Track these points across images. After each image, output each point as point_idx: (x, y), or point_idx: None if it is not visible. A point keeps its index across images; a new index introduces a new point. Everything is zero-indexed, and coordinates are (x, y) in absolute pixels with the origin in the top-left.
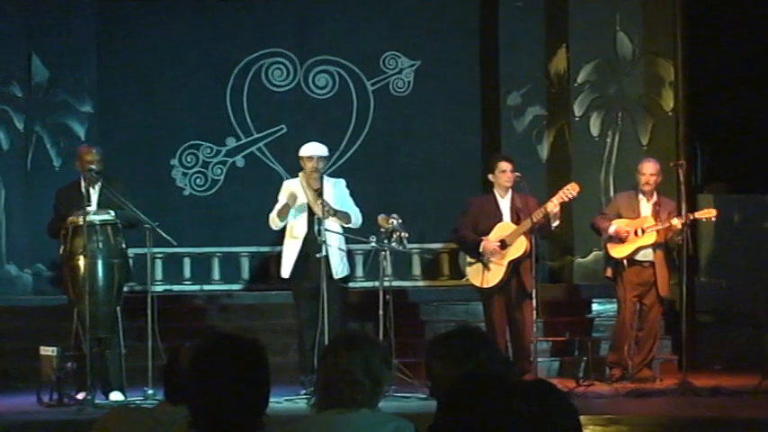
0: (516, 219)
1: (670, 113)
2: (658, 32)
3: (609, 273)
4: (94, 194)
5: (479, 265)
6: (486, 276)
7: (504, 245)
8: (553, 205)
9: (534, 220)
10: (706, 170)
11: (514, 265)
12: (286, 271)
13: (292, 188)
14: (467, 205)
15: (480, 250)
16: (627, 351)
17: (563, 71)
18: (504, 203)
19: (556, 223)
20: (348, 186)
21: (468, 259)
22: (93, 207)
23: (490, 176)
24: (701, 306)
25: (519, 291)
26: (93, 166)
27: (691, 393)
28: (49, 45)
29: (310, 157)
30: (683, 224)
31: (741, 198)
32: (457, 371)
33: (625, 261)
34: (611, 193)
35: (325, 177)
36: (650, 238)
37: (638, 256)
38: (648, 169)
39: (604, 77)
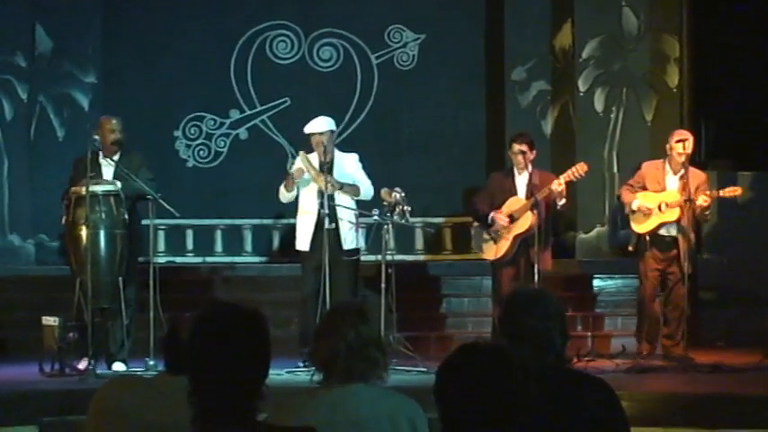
0: (530, 195)
1: (675, 90)
2: (663, 8)
3: (631, 247)
4: (110, 166)
5: (489, 239)
6: (494, 249)
7: (512, 219)
8: (558, 184)
9: (539, 197)
10: (710, 147)
11: (522, 241)
12: (303, 243)
13: (299, 164)
14: (488, 179)
15: (489, 222)
16: (653, 326)
17: (568, 46)
18: (521, 180)
19: (561, 202)
20: (361, 160)
21: (484, 235)
22: (109, 177)
23: (509, 154)
24: (704, 283)
25: (528, 268)
26: (97, 137)
27: (692, 370)
28: (54, 15)
29: (321, 133)
30: (709, 204)
31: (745, 175)
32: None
33: (647, 236)
34: (615, 169)
35: (337, 151)
36: (673, 214)
37: (662, 231)
38: (683, 149)
39: (609, 53)
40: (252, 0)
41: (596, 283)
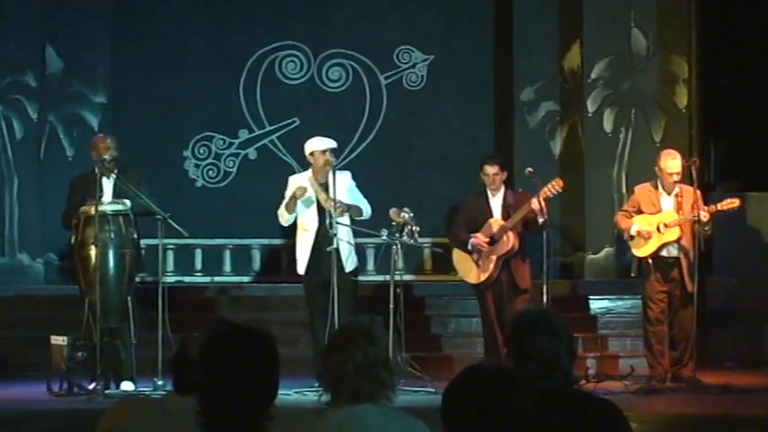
0: (507, 216)
1: (683, 110)
2: (672, 29)
3: (633, 273)
4: (109, 184)
5: (472, 262)
6: (477, 273)
7: (492, 241)
8: (537, 202)
9: (519, 216)
10: (719, 167)
11: (504, 261)
12: (302, 266)
13: (300, 184)
14: (461, 204)
15: (469, 247)
16: (661, 348)
17: (577, 67)
18: (495, 201)
19: (541, 219)
20: (354, 178)
21: (468, 260)
22: (107, 197)
23: (481, 176)
24: (712, 303)
25: (510, 286)
26: (107, 156)
27: (700, 391)
28: (64, 35)
29: (324, 151)
30: (708, 218)
31: (754, 196)
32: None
33: (649, 259)
34: (624, 190)
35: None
36: (673, 234)
37: (663, 253)
38: (673, 168)
39: (618, 74)
40: (261, 20)
41: (604, 303)
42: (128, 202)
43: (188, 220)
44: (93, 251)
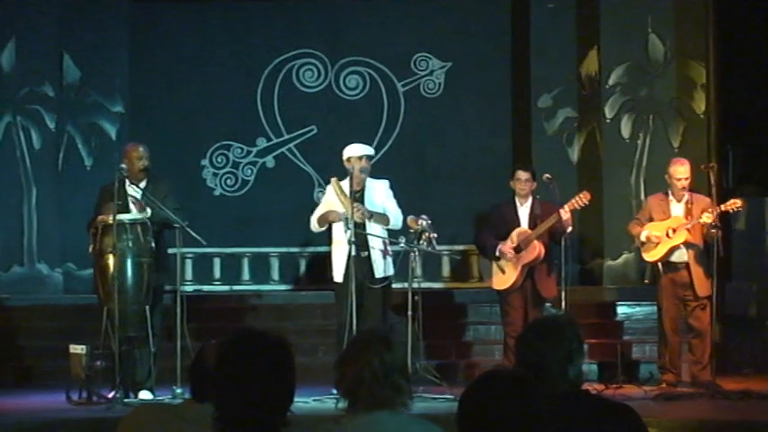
0: (533, 225)
1: (701, 116)
2: (690, 35)
3: (647, 280)
4: (137, 193)
5: (497, 269)
6: (503, 279)
7: (519, 249)
8: (564, 212)
9: (546, 225)
10: (737, 173)
11: (529, 269)
12: (338, 274)
13: (329, 194)
14: (489, 211)
15: (497, 254)
16: (673, 356)
17: (594, 73)
18: (523, 210)
19: (569, 229)
20: (391, 187)
21: (493, 266)
22: (131, 205)
23: (511, 183)
24: (732, 309)
25: (534, 294)
26: (124, 165)
27: (720, 397)
28: (82, 45)
29: (360, 157)
30: (712, 220)
31: None
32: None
33: (660, 265)
34: (642, 197)
35: (369, 178)
36: (680, 237)
37: (673, 258)
38: (682, 173)
39: (636, 80)
40: (278, 29)
41: (624, 310)
42: (149, 210)
43: (206, 228)
44: (111, 260)
